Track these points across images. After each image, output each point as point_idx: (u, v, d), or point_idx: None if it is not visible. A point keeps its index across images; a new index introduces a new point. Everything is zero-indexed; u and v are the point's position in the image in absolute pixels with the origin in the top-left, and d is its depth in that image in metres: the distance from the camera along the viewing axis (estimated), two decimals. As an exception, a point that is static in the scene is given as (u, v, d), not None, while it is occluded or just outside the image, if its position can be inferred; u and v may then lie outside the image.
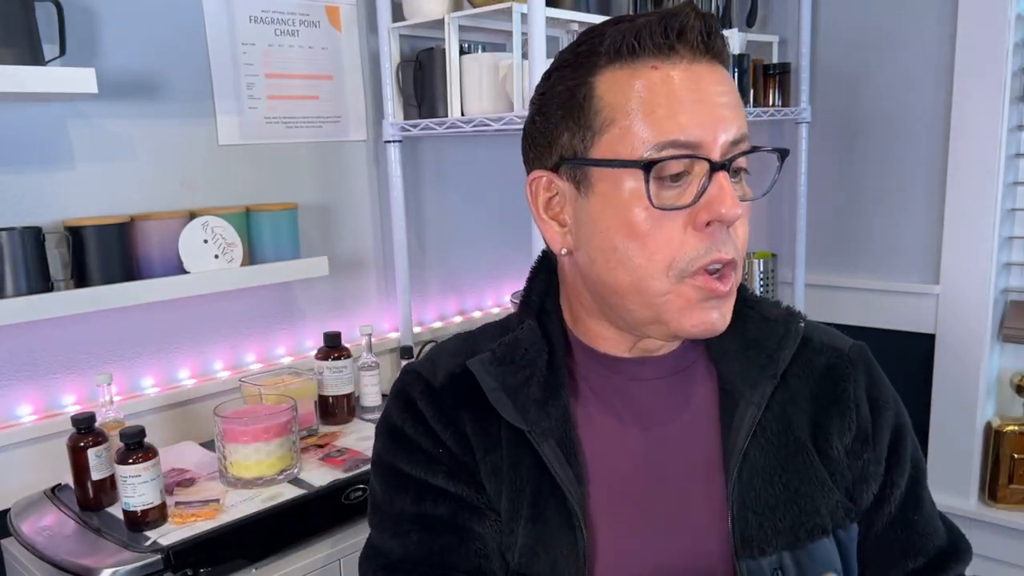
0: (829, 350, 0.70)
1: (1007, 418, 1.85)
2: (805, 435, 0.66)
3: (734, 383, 0.67)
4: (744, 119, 0.61)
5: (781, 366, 0.67)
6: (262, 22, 1.48)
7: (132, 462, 1.02)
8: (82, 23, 1.26)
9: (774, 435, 0.66)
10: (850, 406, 0.67)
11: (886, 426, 0.69)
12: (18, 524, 1.10)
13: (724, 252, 0.59)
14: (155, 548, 1.00)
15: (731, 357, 0.68)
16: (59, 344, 1.28)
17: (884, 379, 0.71)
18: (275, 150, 1.52)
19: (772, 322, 0.69)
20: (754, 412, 0.65)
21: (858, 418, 0.68)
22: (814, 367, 0.69)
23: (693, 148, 0.58)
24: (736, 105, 0.60)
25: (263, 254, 1.42)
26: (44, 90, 1.08)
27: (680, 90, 0.58)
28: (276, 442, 1.17)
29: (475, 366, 0.67)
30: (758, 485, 0.64)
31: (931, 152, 1.87)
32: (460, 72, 1.48)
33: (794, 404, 0.67)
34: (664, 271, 0.59)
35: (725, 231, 0.59)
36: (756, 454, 0.65)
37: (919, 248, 1.92)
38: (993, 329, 1.84)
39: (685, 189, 0.59)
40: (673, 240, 0.59)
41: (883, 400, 0.69)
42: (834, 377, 0.68)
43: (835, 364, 0.69)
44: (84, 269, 1.22)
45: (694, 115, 0.58)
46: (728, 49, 0.62)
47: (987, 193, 1.77)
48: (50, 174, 1.25)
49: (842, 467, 0.66)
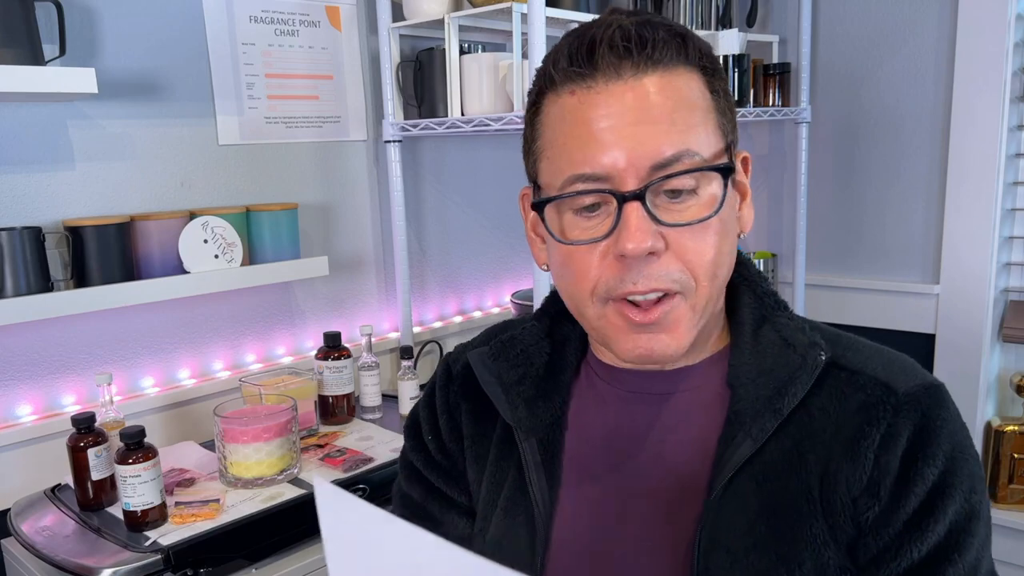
0: (875, 387, 0.59)
1: (1007, 418, 1.85)
2: (813, 479, 0.58)
3: (738, 412, 0.60)
4: (682, 134, 0.55)
5: (789, 402, 0.59)
6: (262, 22, 1.48)
7: (132, 462, 1.02)
8: (82, 23, 1.26)
9: (775, 473, 0.59)
10: (867, 456, 0.57)
11: (919, 483, 0.57)
12: (18, 524, 1.10)
13: (640, 285, 0.56)
14: (155, 548, 1.00)
15: (744, 383, 0.61)
16: (59, 344, 1.28)
17: (948, 432, 0.58)
18: (275, 150, 1.52)
19: (791, 349, 0.61)
20: (749, 446, 0.59)
21: (873, 470, 0.57)
22: (848, 403, 0.59)
23: (601, 180, 0.55)
24: (664, 121, 0.55)
25: (263, 254, 1.42)
26: (44, 90, 1.08)
27: (592, 117, 0.56)
28: (276, 442, 1.17)
29: (473, 358, 0.69)
30: (739, 522, 0.58)
31: (931, 152, 1.87)
32: (460, 72, 1.48)
33: (811, 442, 0.59)
34: (589, 297, 0.59)
35: (647, 262, 0.56)
36: (747, 490, 0.59)
37: (919, 248, 1.92)
38: (993, 329, 1.84)
39: (602, 220, 0.57)
40: (591, 270, 0.58)
41: (928, 454, 0.57)
42: (863, 418, 0.58)
43: (872, 404, 0.58)
44: (84, 269, 1.22)
45: (602, 144, 0.55)
46: (682, 50, 0.57)
47: (987, 193, 1.77)
48: (50, 174, 1.25)
49: (845, 520, 0.58)
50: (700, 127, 0.57)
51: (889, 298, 1.96)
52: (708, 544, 0.58)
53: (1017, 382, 1.82)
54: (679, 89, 0.56)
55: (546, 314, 0.71)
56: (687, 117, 0.56)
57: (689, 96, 0.57)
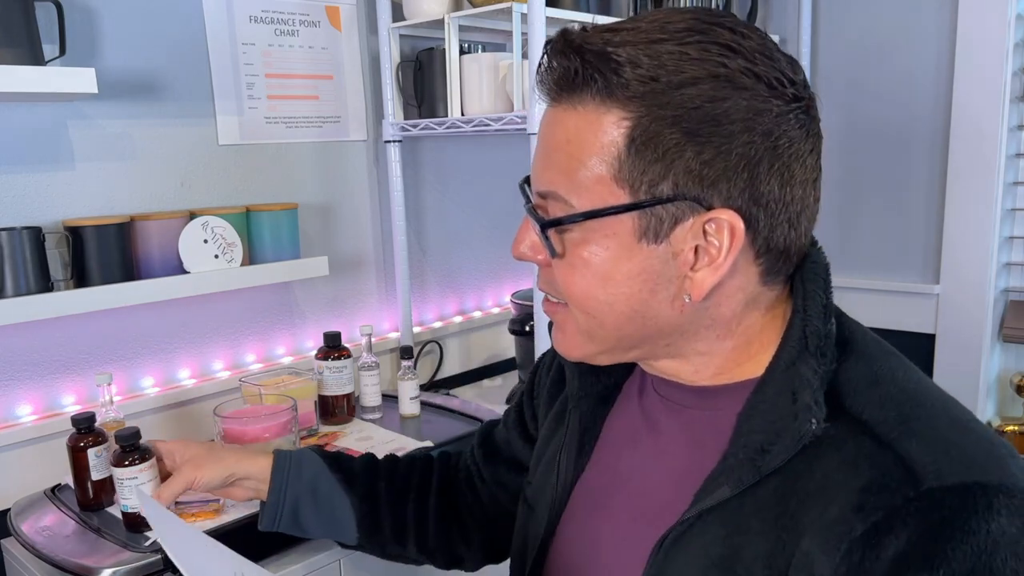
0: (897, 470, 0.49)
1: (1007, 418, 1.85)
2: (782, 549, 0.51)
3: (730, 453, 0.56)
4: (549, 173, 0.56)
5: (769, 462, 0.53)
6: (262, 22, 1.48)
7: (128, 464, 1.01)
8: (82, 23, 1.26)
9: (746, 528, 0.53)
10: (839, 546, 0.48)
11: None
12: (18, 524, 1.10)
13: (538, 282, 0.64)
14: (155, 548, 1.00)
15: (745, 425, 0.56)
16: (59, 344, 1.28)
17: (972, 543, 0.45)
18: (275, 150, 1.52)
19: (790, 404, 0.54)
20: (725, 493, 0.54)
21: (845, 564, 0.48)
22: (855, 476, 0.50)
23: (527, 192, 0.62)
24: (542, 158, 0.58)
25: (263, 254, 1.42)
26: (44, 90, 1.08)
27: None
28: (276, 442, 1.17)
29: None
30: (693, 565, 0.55)
31: (931, 152, 1.87)
32: (460, 72, 1.48)
33: (802, 507, 0.51)
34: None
35: (540, 266, 0.62)
36: (713, 535, 0.55)
37: (919, 248, 1.92)
38: (993, 329, 1.84)
39: None
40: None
41: (930, 562, 0.46)
42: (856, 501, 0.49)
43: (875, 488, 0.48)
44: (84, 269, 1.22)
45: (534, 164, 0.60)
46: (592, 79, 0.52)
47: (987, 193, 1.77)
48: (50, 174, 1.25)
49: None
50: (579, 173, 0.54)
51: (889, 298, 1.96)
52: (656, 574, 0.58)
53: (1017, 382, 1.82)
54: (571, 129, 0.54)
55: None
56: (566, 160, 0.55)
57: (579, 139, 0.54)
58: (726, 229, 0.54)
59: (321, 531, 0.87)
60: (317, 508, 0.85)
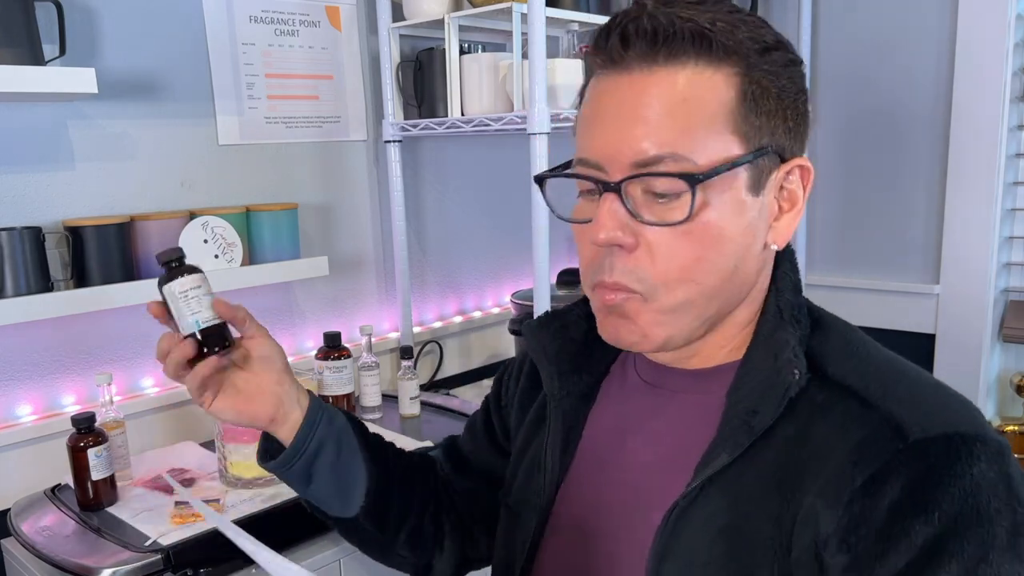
0: (885, 427, 0.53)
1: (1007, 418, 1.85)
2: (787, 511, 0.54)
3: (723, 423, 0.59)
4: (669, 134, 0.54)
5: (760, 421, 0.56)
6: (262, 22, 1.48)
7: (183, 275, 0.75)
8: (82, 23, 1.26)
9: (749, 495, 0.56)
10: (841, 498, 0.52)
11: (904, 539, 0.50)
12: (18, 524, 1.10)
13: (606, 275, 0.58)
14: (155, 548, 1.00)
15: (735, 395, 0.60)
16: (59, 344, 1.28)
17: (958, 486, 0.50)
18: (275, 150, 1.52)
19: (776, 365, 0.58)
20: (723, 460, 0.57)
21: (847, 514, 0.52)
22: (847, 438, 0.54)
23: (595, 168, 0.58)
24: (653, 120, 0.54)
25: (263, 254, 1.42)
26: (44, 90, 1.08)
27: (601, 104, 0.58)
28: (276, 442, 1.17)
29: (526, 328, 0.74)
30: (699, 537, 0.57)
31: (931, 152, 1.87)
32: (460, 72, 1.48)
33: (799, 470, 0.55)
34: (584, 276, 0.62)
35: (618, 255, 0.57)
36: (716, 506, 0.57)
37: (919, 248, 1.92)
38: (993, 329, 1.84)
39: (596, 206, 0.58)
40: (584, 252, 0.61)
41: (924, 506, 0.50)
42: (854, 457, 0.53)
43: (869, 443, 0.53)
44: (84, 269, 1.22)
45: (601, 133, 0.57)
46: (707, 48, 0.55)
47: (987, 193, 1.77)
48: (50, 174, 1.25)
49: (809, 561, 0.53)
50: (701, 130, 0.55)
51: (889, 298, 1.96)
52: (662, 551, 0.58)
53: (1017, 382, 1.82)
54: (684, 88, 0.55)
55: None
56: (685, 118, 0.55)
57: (696, 96, 0.55)
58: (798, 173, 0.60)
59: (328, 489, 0.77)
60: (336, 462, 0.76)
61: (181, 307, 0.72)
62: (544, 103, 1.30)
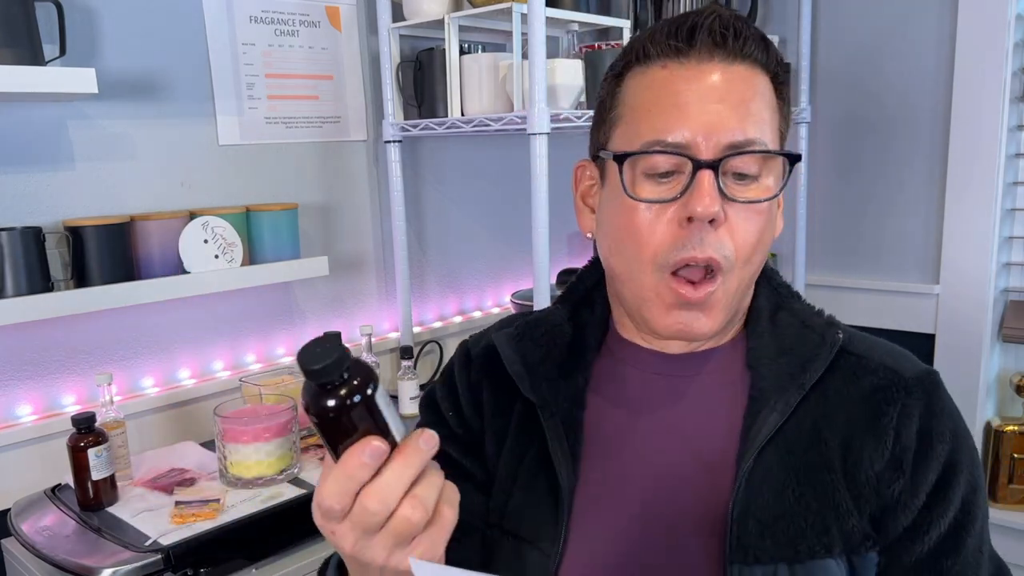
0: (884, 372, 0.65)
1: (1007, 418, 1.85)
2: (834, 454, 0.63)
3: (762, 389, 0.65)
4: (756, 124, 0.60)
5: (812, 376, 0.64)
6: (262, 22, 1.48)
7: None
8: (82, 23, 1.26)
9: (798, 447, 0.63)
10: (888, 431, 0.63)
11: (934, 459, 0.63)
12: (18, 524, 1.10)
13: (698, 251, 0.60)
14: (155, 548, 1.00)
15: (765, 363, 0.66)
16: (59, 344, 1.28)
17: (949, 412, 0.65)
18: (275, 150, 1.52)
19: (810, 330, 0.67)
20: (776, 419, 0.63)
21: (895, 445, 0.63)
22: (861, 386, 0.65)
23: (680, 148, 0.60)
24: (743, 108, 0.60)
25: (263, 254, 1.42)
26: (44, 90, 1.08)
27: (680, 89, 0.60)
28: (276, 442, 1.17)
29: (499, 339, 0.72)
30: (767, 492, 0.62)
31: (931, 152, 1.87)
32: (460, 72, 1.48)
33: (827, 420, 0.64)
34: (650, 263, 0.62)
35: (708, 230, 0.59)
36: (772, 462, 0.63)
37: (919, 248, 1.92)
38: (993, 329, 1.84)
39: (674, 187, 0.61)
40: (656, 233, 0.61)
41: (937, 432, 0.63)
42: (877, 399, 0.64)
43: (884, 387, 0.64)
44: (84, 269, 1.22)
45: (686, 115, 0.60)
46: (764, 53, 0.62)
47: (987, 193, 1.77)
48: (50, 174, 1.25)
49: (868, 492, 0.62)
50: (768, 124, 0.62)
51: (889, 298, 1.96)
52: (741, 514, 0.61)
53: (1017, 382, 1.82)
54: (759, 85, 0.62)
55: (569, 300, 0.75)
56: (762, 111, 0.61)
57: (765, 94, 0.62)
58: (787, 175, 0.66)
59: None
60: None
61: (393, 410, 0.49)
62: (544, 103, 1.30)
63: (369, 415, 0.45)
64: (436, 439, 0.47)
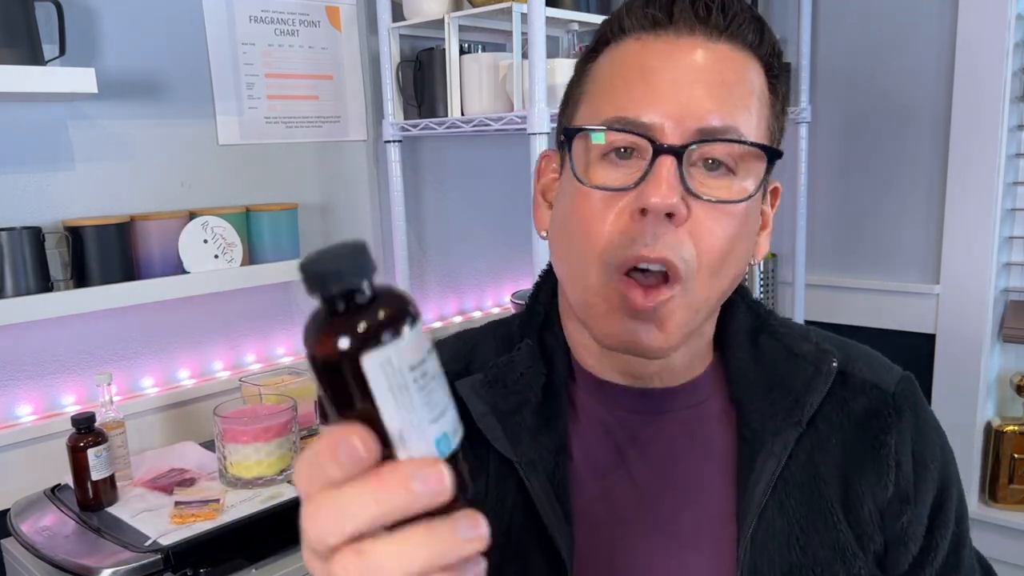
0: (870, 389, 0.59)
1: (1007, 418, 1.85)
2: (832, 491, 0.57)
3: (754, 429, 0.57)
4: (737, 111, 0.51)
5: (808, 412, 0.57)
6: (262, 22, 1.48)
7: None
8: (82, 23, 1.25)
9: (796, 490, 0.57)
10: (889, 463, 0.58)
11: (931, 481, 0.59)
12: (18, 524, 1.10)
13: (650, 250, 0.50)
14: (155, 548, 1.00)
15: (753, 398, 0.58)
16: (59, 344, 1.28)
17: (932, 423, 0.61)
18: (275, 150, 1.52)
19: (800, 359, 0.59)
20: (774, 465, 0.56)
21: (898, 476, 0.58)
22: (851, 411, 0.59)
23: (642, 128, 0.51)
24: (723, 90, 0.51)
25: (263, 254, 1.42)
26: (44, 90, 1.08)
27: (653, 65, 0.52)
28: (276, 442, 1.17)
29: (464, 389, 0.59)
30: (772, 549, 0.55)
31: (931, 151, 1.87)
32: (460, 72, 1.48)
33: (823, 453, 0.58)
34: (598, 260, 0.52)
35: (664, 226, 0.50)
36: (774, 513, 0.56)
37: (919, 248, 1.92)
38: (993, 329, 1.84)
39: (629, 172, 0.52)
40: (605, 225, 0.52)
41: (929, 452, 0.59)
42: (874, 426, 0.58)
43: (877, 410, 0.59)
44: (84, 269, 1.22)
45: (656, 92, 0.51)
46: (757, 36, 0.53)
47: (987, 193, 1.77)
48: (50, 174, 1.25)
49: (872, 530, 0.57)
50: (754, 114, 0.53)
51: (889, 298, 1.96)
52: (751, 573, 0.55)
53: (1017, 382, 1.82)
54: (746, 70, 0.53)
55: (534, 318, 0.63)
56: (745, 98, 0.52)
57: (754, 82, 0.54)
58: (770, 195, 0.59)
59: None
60: None
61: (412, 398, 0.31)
62: (544, 103, 1.30)
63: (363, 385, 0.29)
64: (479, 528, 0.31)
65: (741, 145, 0.51)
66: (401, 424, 0.30)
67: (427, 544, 0.30)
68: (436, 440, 0.31)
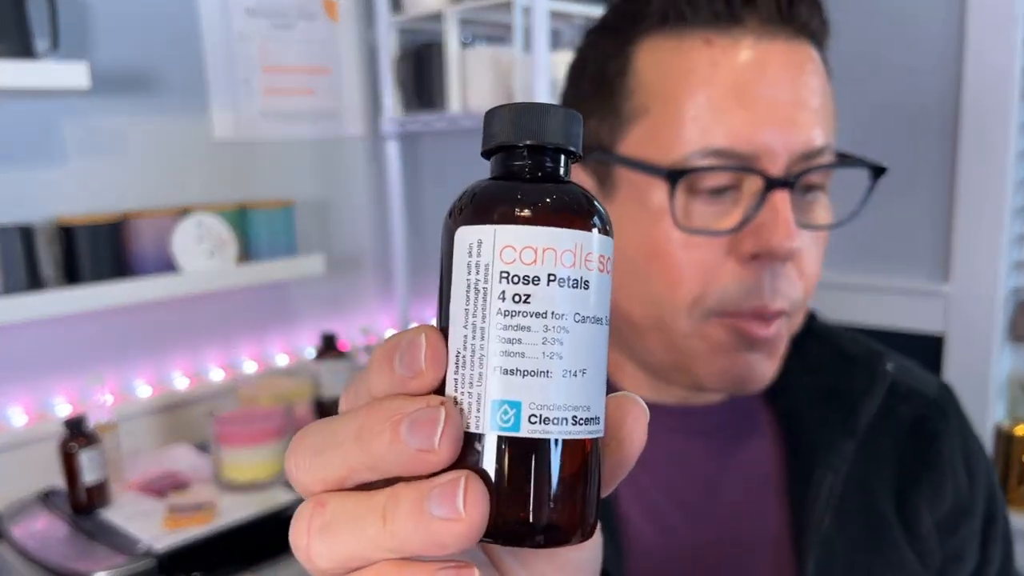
0: (914, 396, 0.55)
1: (1018, 419, 1.82)
2: (888, 506, 0.52)
3: (806, 443, 0.52)
4: (828, 123, 0.47)
5: (864, 420, 0.52)
6: (258, 15, 1.46)
7: None
8: (74, 16, 1.23)
9: (853, 507, 0.51)
10: (945, 472, 0.53)
11: (981, 491, 0.55)
12: (9, 528, 1.09)
13: (772, 301, 0.45)
14: (148, 553, 0.99)
15: (802, 409, 0.53)
16: (50, 344, 1.26)
17: (973, 430, 0.57)
18: (271, 146, 1.50)
19: (852, 362, 0.54)
20: (832, 480, 0.50)
21: (955, 486, 0.54)
22: (900, 419, 0.54)
23: (745, 159, 0.44)
24: (818, 103, 0.46)
25: (258, 252, 1.40)
26: (36, 85, 1.06)
27: (739, 78, 0.44)
28: (271, 445, 1.15)
29: None
30: (834, 568, 0.50)
31: (940, 147, 1.84)
32: (459, 66, 1.45)
33: (876, 465, 0.52)
34: (689, 307, 0.46)
35: (780, 267, 0.45)
36: (832, 533, 0.50)
37: (928, 245, 1.89)
38: (1004, 330, 1.82)
39: (730, 208, 0.45)
40: (706, 270, 0.45)
41: (976, 460, 0.56)
42: (924, 434, 0.54)
43: (924, 416, 0.54)
44: (76, 267, 1.20)
45: (752, 115, 0.44)
46: (820, 20, 0.47)
47: (999, 190, 1.74)
48: (41, 171, 1.23)
49: (931, 545, 0.52)
50: (833, 120, 0.49)
51: (896, 297, 1.93)
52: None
53: (1027, 383, 1.79)
54: (820, 68, 0.47)
55: None
56: (829, 104, 0.48)
57: (825, 76, 0.48)
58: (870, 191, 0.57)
59: None
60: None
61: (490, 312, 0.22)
62: (547, 98, 1.27)
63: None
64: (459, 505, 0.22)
65: (841, 166, 0.47)
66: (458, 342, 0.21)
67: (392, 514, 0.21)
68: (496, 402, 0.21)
